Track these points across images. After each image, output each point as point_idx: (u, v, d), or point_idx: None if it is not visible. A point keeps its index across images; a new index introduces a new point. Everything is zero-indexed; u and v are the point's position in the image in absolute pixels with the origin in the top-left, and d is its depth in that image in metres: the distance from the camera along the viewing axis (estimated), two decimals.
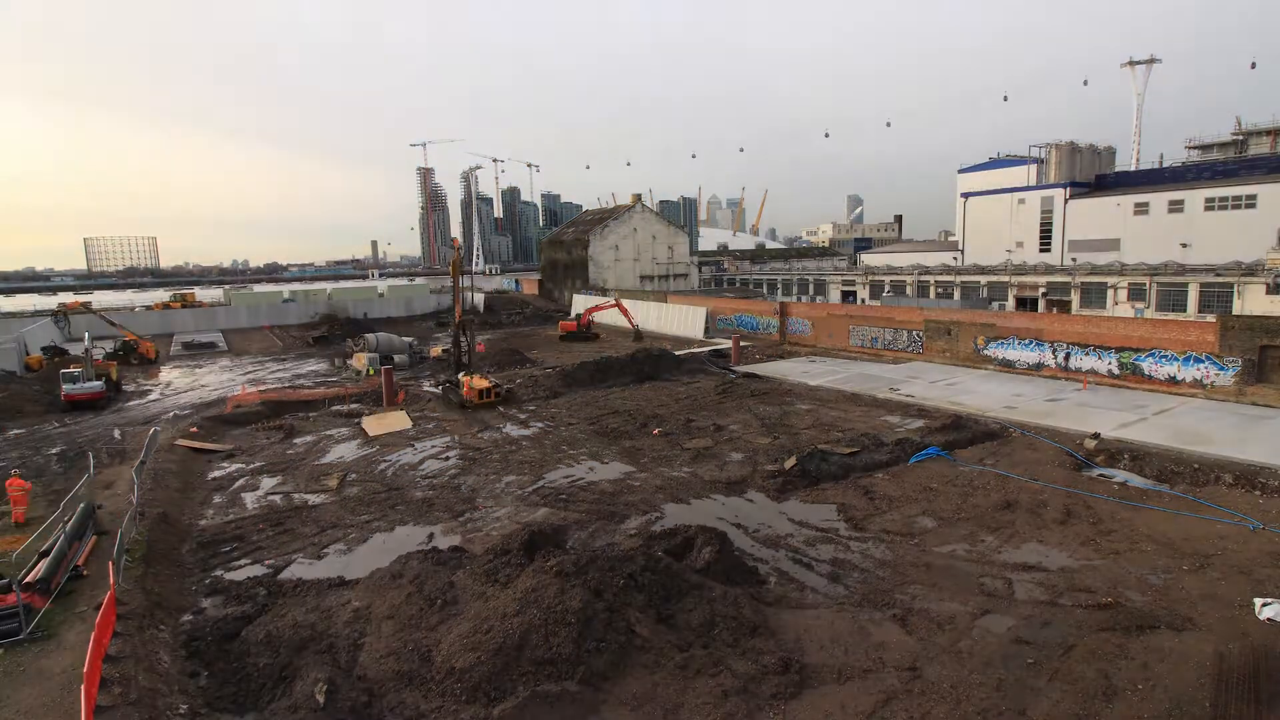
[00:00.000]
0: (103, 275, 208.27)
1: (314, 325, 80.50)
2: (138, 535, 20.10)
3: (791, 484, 24.02)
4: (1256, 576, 16.33)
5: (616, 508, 22.50)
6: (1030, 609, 15.43)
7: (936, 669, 13.32)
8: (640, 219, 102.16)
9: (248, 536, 21.20)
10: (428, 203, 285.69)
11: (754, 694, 12.66)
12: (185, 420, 35.77)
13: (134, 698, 12.42)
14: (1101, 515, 20.38)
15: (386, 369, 41.33)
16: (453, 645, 13.88)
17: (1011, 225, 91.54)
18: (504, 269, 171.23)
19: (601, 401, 38.04)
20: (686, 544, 18.00)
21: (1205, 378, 33.72)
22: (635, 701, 12.59)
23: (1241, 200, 70.60)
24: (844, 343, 52.46)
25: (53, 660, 14.02)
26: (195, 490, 25.97)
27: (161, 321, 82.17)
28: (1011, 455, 26.44)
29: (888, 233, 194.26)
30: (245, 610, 16.21)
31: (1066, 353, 39.15)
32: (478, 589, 15.74)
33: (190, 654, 14.63)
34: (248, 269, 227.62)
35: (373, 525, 21.87)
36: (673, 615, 14.93)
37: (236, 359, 60.31)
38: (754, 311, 63.75)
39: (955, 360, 44.75)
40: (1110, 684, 12.68)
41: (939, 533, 19.80)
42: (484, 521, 21.81)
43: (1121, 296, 61.03)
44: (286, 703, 12.71)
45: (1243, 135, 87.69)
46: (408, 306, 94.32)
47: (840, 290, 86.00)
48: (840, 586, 16.85)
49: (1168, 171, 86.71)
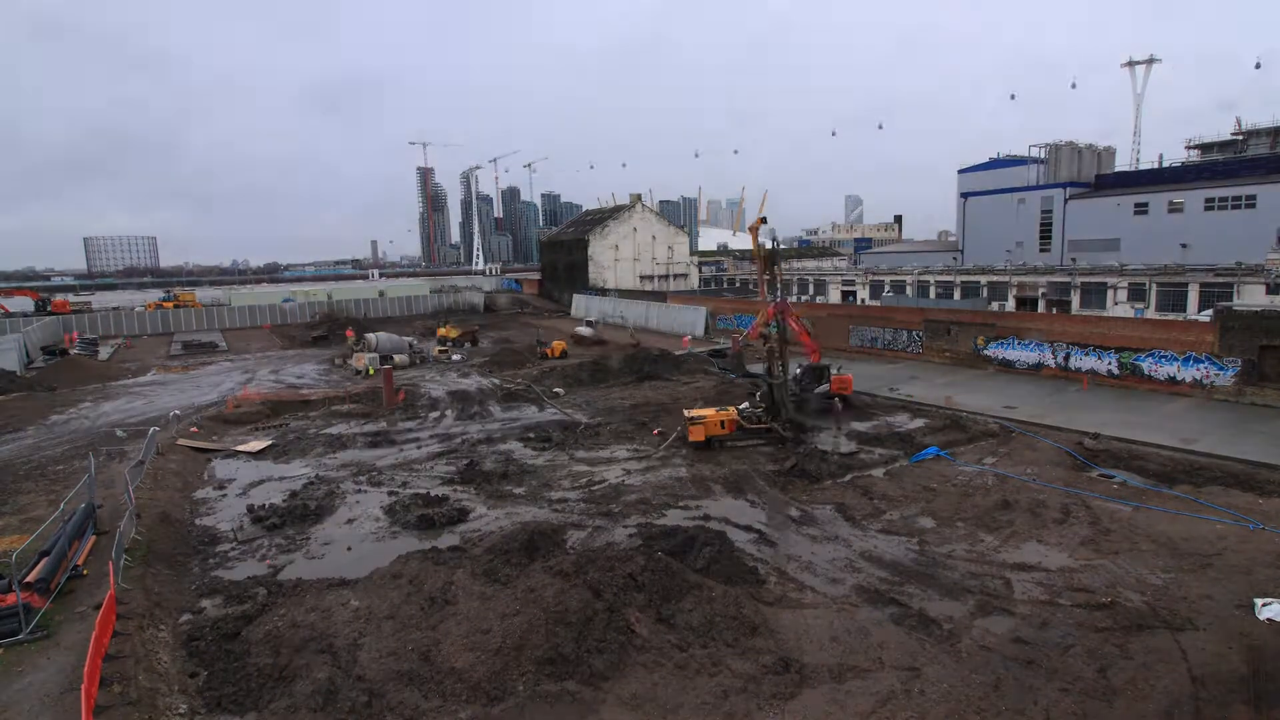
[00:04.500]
0: (103, 275, 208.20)
1: (314, 325, 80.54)
2: (138, 535, 20.11)
3: (791, 483, 24.03)
4: (1256, 576, 16.33)
5: (617, 507, 22.52)
6: (1029, 609, 15.43)
7: (936, 669, 13.33)
8: (640, 219, 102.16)
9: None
10: (428, 203, 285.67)
11: (754, 694, 12.67)
12: (186, 420, 35.77)
13: (134, 697, 12.43)
14: (1101, 515, 20.38)
15: (386, 369, 41.37)
16: (452, 645, 13.90)
17: (1011, 225, 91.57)
18: (504, 269, 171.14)
19: (601, 402, 38.06)
20: (686, 544, 18.01)
21: (1205, 378, 33.72)
22: (635, 701, 12.59)
23: (1241, 200, 70.61)
24: (844, 343, 52.45)
25: (53, 660, 14.02)
26: (195, 490, 25.99)
27: (162, 322, 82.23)
28: (1011, 455, 26.44)
29: (888, 233, 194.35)
30: (245, 610, 16.21)
31: (1066, 353, 39.15)
32: (477, 589, 15.75)
33: (190, 654, 14.63)
34: (248, 269, 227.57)
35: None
36: (672, 615, 14.94)
37: (236, 358, 60.30)
38: (754, 311, 63.72)
39: (955, 360, 44.75)
40: (1109, 684, 12.69)
41: (938, 532, 19.81)
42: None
43: (1121, 297, 60.94)
44: (286, 703, 12.72)
45: (1243, 135, 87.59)
46: (408, 307, 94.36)
47: (840, 290, 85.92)
48: (840, 586, 16.85)
49: (1167, 171, 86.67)
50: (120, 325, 79.94)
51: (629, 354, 47.08)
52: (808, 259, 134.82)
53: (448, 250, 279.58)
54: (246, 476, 27.37)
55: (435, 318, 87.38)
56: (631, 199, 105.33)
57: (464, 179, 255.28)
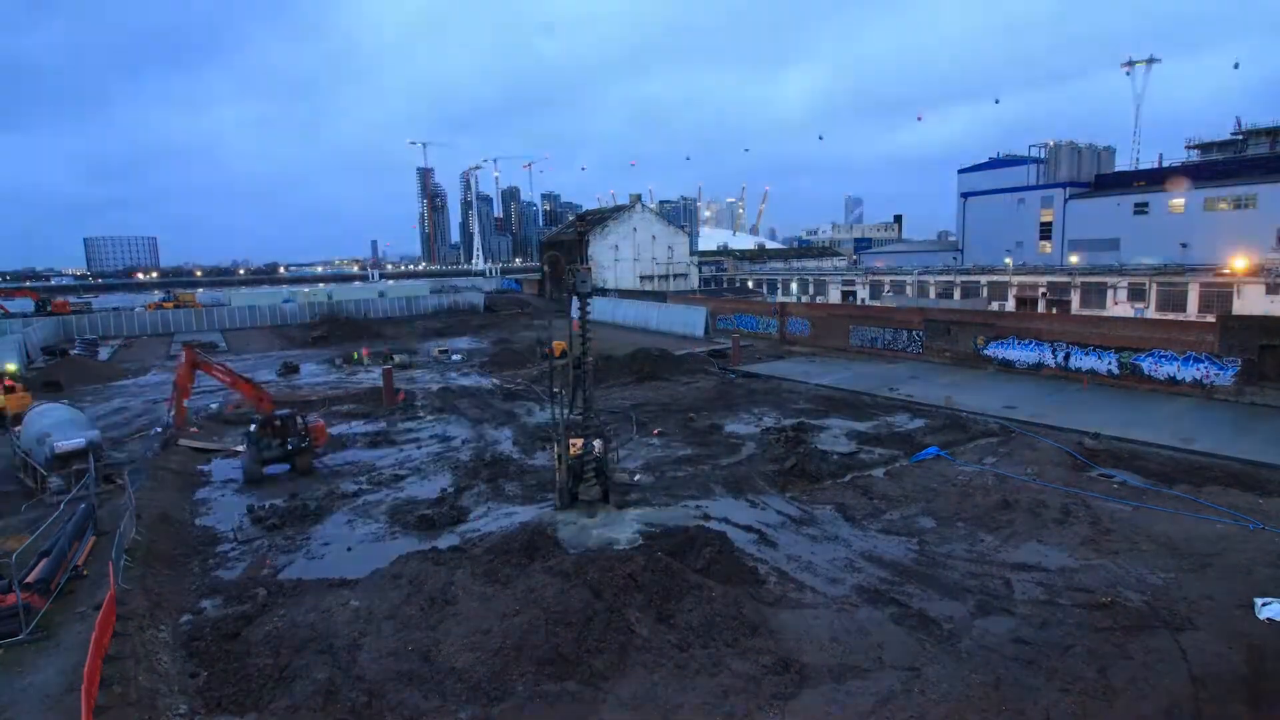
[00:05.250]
0: (103, 275, 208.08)
1: (314, 325, 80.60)
2: (138, 535, 20.11)
3: (791, 483, 24.03)
4: (1256, 576, 16.32)
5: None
6: (1029, 609, 15.43)
7: (936, 669, 13.32)
8: (640, 219, 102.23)
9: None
10: (428, 203, 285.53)
11: (754, 694, 12.67)
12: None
13: (134, 698, 12.43)
14: (1101, 515, 20.37)
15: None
16: (453, 645, 13.90)
17: (1011, 225, 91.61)
18: (504, 269, 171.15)
19: (600, 402, 38.04)
20: (686, 544, 18.01)
21: (1205, 378, 33.71)
22: (635, 701, 12.59)
23: (1241, 200, 70.64)
24: (844, 343, 52.44)
25: (52, 660, 14.02)
26: (195, 490, 25.99)
27: (161, 322, 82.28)
28: (1011, 455, 26.44)
29: (887, 233, 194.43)
30: (245, 610, 16.21)
31: (1066, 353, 39.15)
32: (477, 589, 15.75)
33: (190, 654, 14.63)
34: (248, 269, 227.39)
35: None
36: (672, 615, 14.94)
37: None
38: (753, 312, 63.76)
39: (955, 360, 44.74)
40: (1109, 684, 12.68)
41: (938, 532, 19.80)
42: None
43: (1121, 296, 60.99)
44: (286, 703, 12.72)
45: (1243, 135, 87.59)
46: (408, 307, 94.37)
47: (840, 290, 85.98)
48: (840, 586, 16.85)
49: (1168, 171, 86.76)
50: (120, 326, 79.99)
51: (630, 354, 47.00)
52: (808, 259, 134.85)
53: (448, 250, 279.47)
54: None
55: (436, 318, 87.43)
56: (631, 199, 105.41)
57: (464, 179, 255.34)
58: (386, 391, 39.13)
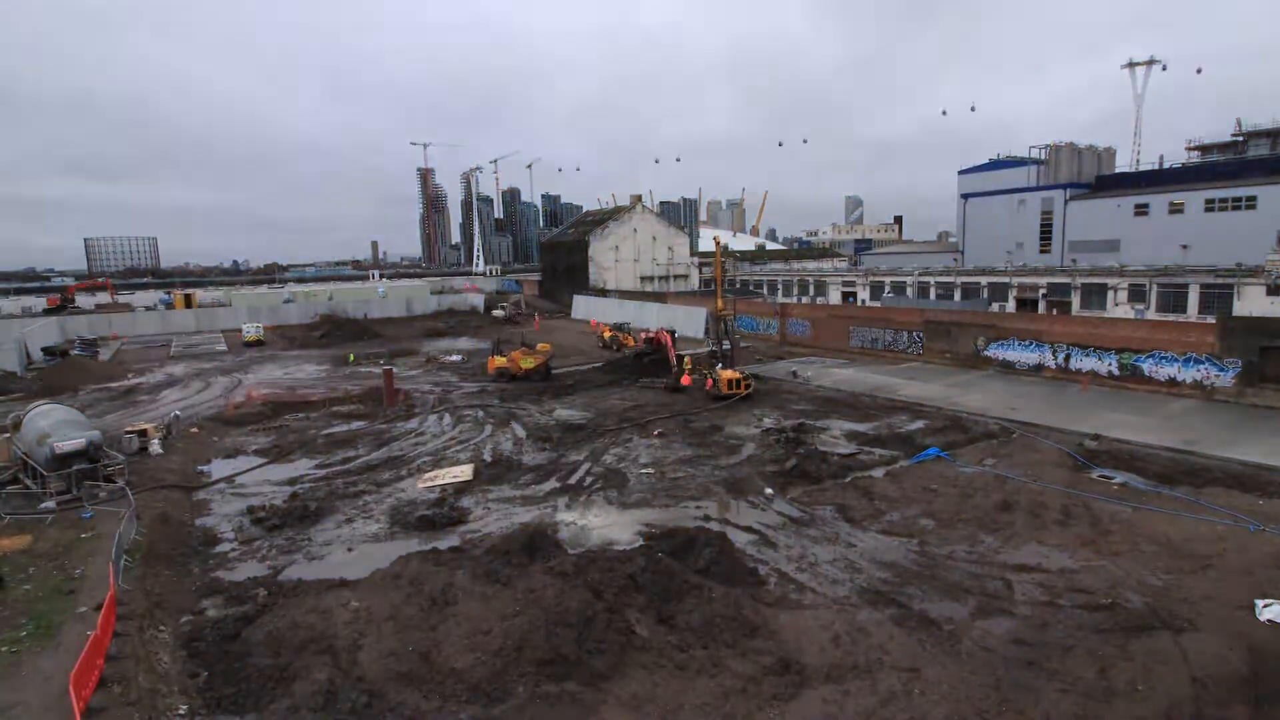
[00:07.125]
0: (103, 275, 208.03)
1: (314, 326, 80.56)
2: (138, 536, 20.12)
3: (791, 484, 24.03)
4: (1257, 578, 16.32)
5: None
6: (1029, 610, 15.42)
7: (936, 670, 13.32)
8: (640, 220, 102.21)
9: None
10: (428, 203, 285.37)
11: (754, 694, 12.67)
12: (187, 421, 35.77)
13: (134, 698, 12.43)
14: (1101, 516, 20.37)
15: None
16: (453, 646, 13.90)
17: (1012, 226, 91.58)
18: (504, 269, 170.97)
19: (601, 403, 38.06)
20: (686, 544, 18.01)
21: (1205, 379, 33.70)
22: (635, 702, 12.59)
23: (1241, 201, 70.61)
24: (844, 343, 52.44)
25: (52, 660, 14.02)
26: (195, 490, 25.98)
27: (162, 322, 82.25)
28: (1011, 456, 26.43)
29: (888, 233, 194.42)
30: (245, 610, 16.21)
31: (1067, 354, 39.14)
32: (478, 589, 15.75)
33: (190, 654, 14.63)
34: (248, 270, 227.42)
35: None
36: (672, 616, 14.94)
37: (237, 359, 60.28)
38: (754, 313, 63.74)
39: (956, 361, 44.73)
40: (1109, 685, 12.68)
41: (939, 533, 19.79)
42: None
43: (1122, 298, 60.93)
44: (287, 703, 12.72)
45: (1243, 136, 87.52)
46: (408, 307, 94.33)
47: (841, 291, 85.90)
48: (840, 587, 16.84)
49: (1168, 173, 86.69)
50: (120, 326, 79.92)
51: (630, 354, 46.97)
52: (808, 260, 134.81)
53: (448, 251, 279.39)
54: (247, 477, 27.38)
55: (436, 318, 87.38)
56: (632, 200, 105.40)
57: (464, 179, 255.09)
58: (387, 392, 39.13)
